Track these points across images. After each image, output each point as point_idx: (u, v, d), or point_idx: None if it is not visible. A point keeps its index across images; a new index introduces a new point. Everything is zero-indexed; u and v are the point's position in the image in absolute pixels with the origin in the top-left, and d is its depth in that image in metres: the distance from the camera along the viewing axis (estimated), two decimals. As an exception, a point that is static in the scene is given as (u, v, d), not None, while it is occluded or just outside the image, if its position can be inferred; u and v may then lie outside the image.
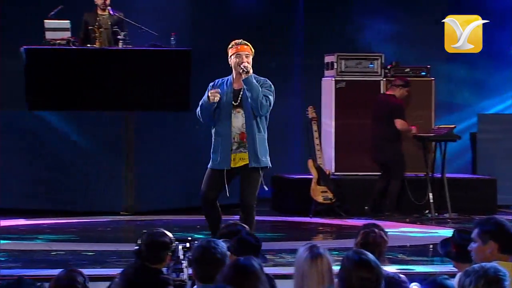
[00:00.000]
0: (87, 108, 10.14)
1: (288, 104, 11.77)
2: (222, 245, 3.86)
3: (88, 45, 10.38)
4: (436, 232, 8.84)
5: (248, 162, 6.52)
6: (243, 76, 6.50)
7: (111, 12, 10.49)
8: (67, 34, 10.20)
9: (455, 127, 10.19)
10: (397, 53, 11.06)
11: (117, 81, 10.39)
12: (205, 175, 6.66)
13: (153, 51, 10.47)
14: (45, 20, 10.21)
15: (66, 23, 10.27)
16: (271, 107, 6.56)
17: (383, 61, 10.47)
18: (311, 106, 10.16)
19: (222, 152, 6.52)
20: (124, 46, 10.38)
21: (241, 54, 6.54)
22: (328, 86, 10.49)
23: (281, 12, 11.86)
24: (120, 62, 10.43)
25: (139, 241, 4.53)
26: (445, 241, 4.40)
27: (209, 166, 6.65)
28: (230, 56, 6.60)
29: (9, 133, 10.02)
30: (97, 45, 10.35)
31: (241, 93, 6.53)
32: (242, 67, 6.48)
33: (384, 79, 10.42)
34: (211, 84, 6.66)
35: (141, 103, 10.35)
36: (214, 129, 6.63)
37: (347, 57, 10.45)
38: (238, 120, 6.53)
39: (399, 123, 9.75)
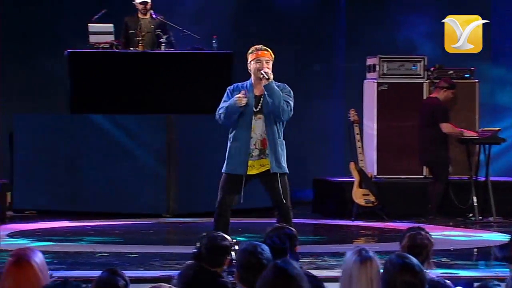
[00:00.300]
0: (130, 111, 10.23)
1: (330, 107, 11.76)
2: (267, 249, 3.85)
3: (131, 48, 10.48)
4: (480, 236, 8.75)
5: (269, 167, 6.44)
6: (263, 82, 6.43)
7: (154, 16, 10.57)
8: (111, 38, 10.31)
9: (499, 130, 10.07)
10: (441, 55, 10.97)
11: (159, 84, 10.46)
12: (221, 180, 6.59)
13: (195, 54, 10.53)
14: (89, 24, 10.32)
15: (109, 26, 10.37)
16: (292, 112, 6.49)
17: (426, 63, 10.40)
18: (353, 109, 10.13)
19: (240, 157, 6.45)
20: (166, 49, 10.46)
21: (261, 60, 6.49)
22: (370, 89, 10.45)
23: (323, 16, 11.85)
24: (163, 65, 10.50)
25: (198, 244, 4.54)
26: (504, 246, 4.36)
27: (224, 171, 6.57)
28: (250, 61, 6.54)
29: (51, 135, 10.13)
30: (139, 49, 10.44)
31: (262, 99, 6.48)
32: (263, 73, 6.42)
33: (427, 81, 10.35)
34: (229, 88, 6.59)
35: (183, 106, 10.41)
36: (232, 134, 6.55)
37: (390, 59, 10.40)
38: (259, 126, 6.48)
39: (444, 127, 9.67)
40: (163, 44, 10.44)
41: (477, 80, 10.45)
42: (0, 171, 9.43)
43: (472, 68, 10.49)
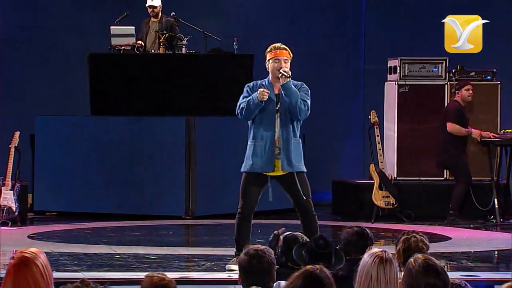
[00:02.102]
0: (150, 113, 10.25)
1: (350, 108, 11.72)
2: (270, 253, 3.82)
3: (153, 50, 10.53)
4: (502, 239, 8.68)
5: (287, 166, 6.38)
6: (282, 80, 6.38)
7: (169, 18, 10.60)
8: (132, 40, 10.36)
9: (521, 131, 10.01)
10: (463, 56, 10.92)
11: (179, 86, 10.48)
12: (243, 182, 6.47)
13: (215, 56, 10.54)
14: (111, 27, 10.38)
15: (131, 29, 10.43)
16: (309, 111, 6.43)
17: (447, 65, 10.34)
18: (373, 111, 10.10)
19: (267, 156, 6.37)
20: (187, 51, 10.49)
21: (280, 59, 6.43)
22: (391, 90, 10.41)
23: (343, 17, 11.82)
24: (183, 67, 10.52)
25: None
26: None
27: (247, 170, 6.44)
28: (268, 60, 6.49)
29: (72, 137, 10.18)
30: (160, 51, 10.47)
31: (280, 97, 6.46)
32: (282, 72, 6.36)
33: (448, 83, 10.29)
34: (249, 85, 6.52)
35: (203, 108, 10.42)
36: (255, 132, 6.45)
37: (411, 61, 10.35)
38: (277, 124, 6.43)
39: (449, 126, 9.64)
40: (184, 46, 10.46)
41: (499, 82, 10.39)
42: (21, 173, 9.48)
43: (494, 70, 10.42)
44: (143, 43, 10.54)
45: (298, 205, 6.46)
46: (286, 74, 6.36)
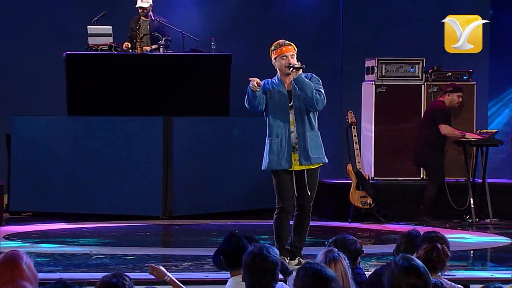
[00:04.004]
0: (127, 113, 10.22)
1: (327, 108, 11.71)
2: (275, 252, 3.79)
3: (130, 50, 10.49)
4: (477, 238, 8.74)
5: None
6: (294, 75, 6.38)
7: (152, 18, 10.59)
8: (109, 40, 10.32)
9: (496, 131, 10.07)
10: (440, 56, 10.98)
11: (157, 86, 10.46)
12: (274, 181, 6.47)
13: (194, 56, 10.53)
14: (88, 26, 10.34)
15: (108, 28, 10.39)
16: (325, 100, 6.47)
17: (424, 65, 10.40)
18: (350, 111, 10.13)
19: (283, 152, 6.39)
20: (165, 51, 10.47)
21: (287, 55, 6.45)
22: (368, 91, 10.46)
23: (321, 17, 11.84)
24: (161, 67, 10.50)
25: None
26: None
27: (267, 168, 6.45)
28: (274, 58, 6.51)
29: (48, 137, 10.12)
30: (138, 51, 10.44)
31: (292, 93, 6.46)
32: (292, 66, 6.37)
33: (425, 84, 10.35)
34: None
35: (181, 108, 10.40)
36: (271, 130, 6.48)
37: (388, 62, 10.40)
38: (292, 121, 6.45)
39: (443, 128, 9.66)
40: (161, 46, 10.45)
41: (475, 82, 10.46)
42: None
43: (470, 70, 10.49)
44: (129, 44, 10.49)
45: (299, 200, 6.48)
46: (297, 66, 6.36)
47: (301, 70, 6.40)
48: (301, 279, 3.32)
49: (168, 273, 4.62)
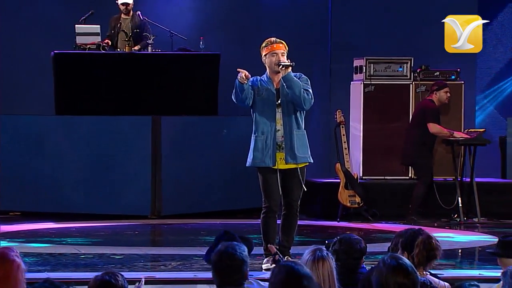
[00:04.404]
0: (115, 113, 10.20)
1: (316, 108, 11.73)
2: (242, 249, 3.84)
3: (118, 49, 10.47)
4: (465, 237, 8.77)
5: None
6: (283, 72, 6.38)
7: (141, 17, 10.57)
8: (97, 39, 10.30)
9: (484, 131, 10.11)
10: (426, 56, 11.01)
11: (145, 86, 10.44)
12: (260, 180, 6.45)
13: (182, 55, 10.52)
14: (76, 25, 10.31)
15: (96, 28, 10.37)
16: (313, 100, 6.48)
17: (412, 65, 10.43)
18: (339, 110, 10.15)
19: (267, 150, 6.39)
20: (154, 50, 10.45)
21: (277, 53, 6.46)
22: (356, 90, 10.47)
23: (309, 16, 11.85)
24: (149, 66, 10.48)
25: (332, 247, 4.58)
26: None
27: (251, 165, 6.45)
28: (265, 55, 6.51)
29: (36, 137, 10.08)
30: (126, 50, 10.43)
31: (280, 92, 6.46)
32: (282, 63, 6.37)
33: (413, 83, 10.38)
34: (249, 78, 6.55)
35: (169, 108, 10.39)
36: (256, 127, 6.47)
37: (376, 61, 10.42)
38: (279, 119, 6.45)
39: (432, 127, 9.69)
40: (150, 45, 10.43)
41: (463, 82, 10.49)
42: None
43: (458, 70, 10.53)
44: (110, 42, 10.48)
45: (286, 201, 6.49)
46: (286, 64, 6.37)
47: (290, 68, 6.41)
48: (275, 276, 3.35)
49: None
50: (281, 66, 6.40)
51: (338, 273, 3.83)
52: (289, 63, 6.39)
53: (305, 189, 6.53)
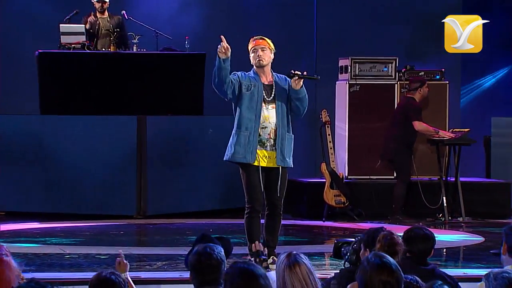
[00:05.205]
0: (100, 112, 10.17)
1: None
2: (219, 250, 3.85)
3: (102, 49, 10.44)
4: (450, 236, 8.81)
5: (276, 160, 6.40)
6: (294, 83, 6.36)
7: (126, 17, 10.55)
8: (82, 38, 10.27)
9: (469, 130, 10.15)
10: (412, 57, 11.05)
11: (131, 85, 10.42)
12: (243, 178, 6.41)
13: (167, 55, 10.50)
14: (60, 25, 10.27)
15: (81, 27, 10.34)
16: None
17: (397, 65, 10.46)
18: (324, 110, 10.16)
19: (250, 146, 6.35)
20: (139, 50, 10.43)
21: (257, 48, 6.51)
22: (342, 90, 10.50)
23: (294, 16, 11.86)
24: (134, 66, 10.46)
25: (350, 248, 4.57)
26: None
27: (230, 159, 6.40)
28: (250, 52, 6.56)
29: (21, 136, 10.04)
30: (111, 49, 10.40)
31: (274, 88, 6.47)
32: (295, 74, 6.36)
33: (398, 83, 10.41)
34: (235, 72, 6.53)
35: (155, 107, 10.37)
36: (240, 121, 6.42)
37: (361, 61, 10.44)
38: (273, 116, 6.43)
39: (417, 125, 9.71)
40: (135, 45, 10.41)
41: (447, 81, 10.53)
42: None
43: (443, 70, 10.57)
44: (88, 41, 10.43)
45: (270, 201, 6.48)
46: (298, 74, 6.37)
47: (302, 80, 6.40)
48: (230, 278, 3.34)
49: (127, 272, 4.65)
50: (295, 78, 6.40)
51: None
52: (302, 74, 6.40)
53: (283, 196, 6.51)
